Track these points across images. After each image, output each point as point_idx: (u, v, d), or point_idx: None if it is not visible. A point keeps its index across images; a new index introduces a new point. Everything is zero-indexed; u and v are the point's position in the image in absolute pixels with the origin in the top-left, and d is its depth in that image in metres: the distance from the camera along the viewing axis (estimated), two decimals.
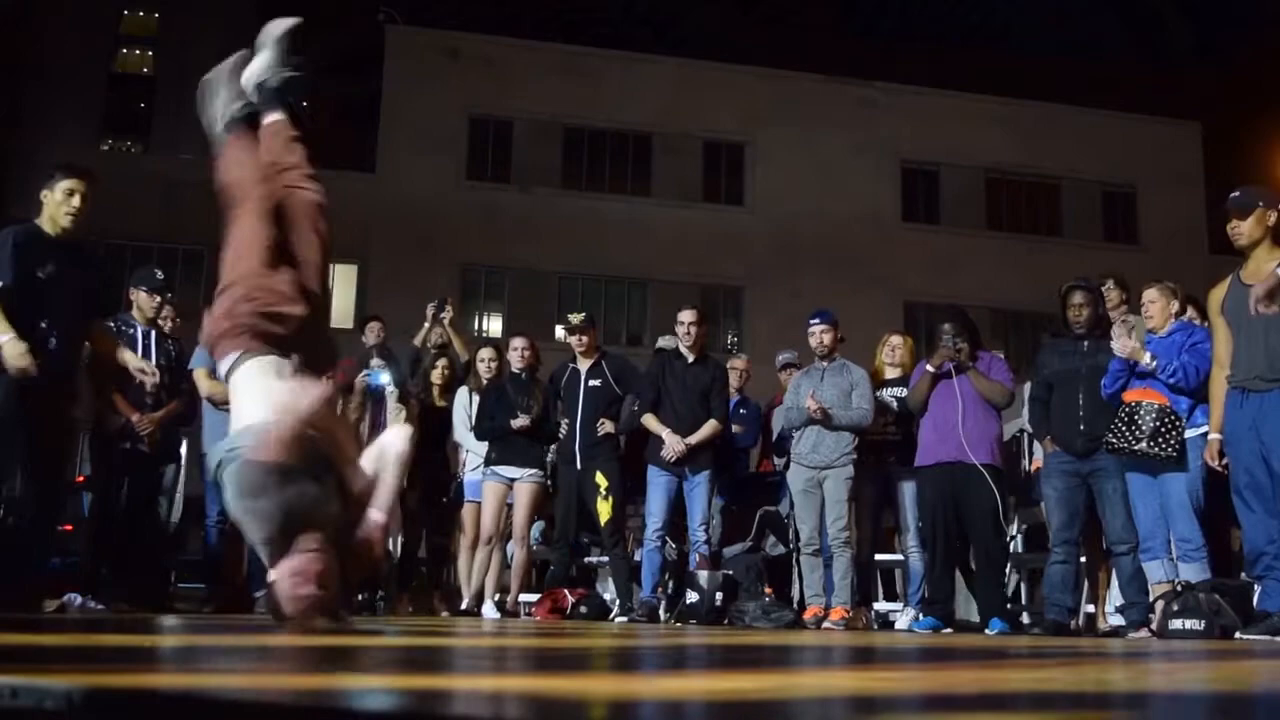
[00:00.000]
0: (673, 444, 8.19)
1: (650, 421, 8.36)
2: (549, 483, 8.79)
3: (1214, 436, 6.32)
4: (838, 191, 27.24)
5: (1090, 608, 8.13)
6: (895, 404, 8.16)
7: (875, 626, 8.29)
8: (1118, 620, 7.33)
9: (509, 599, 8.87)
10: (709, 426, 8.29)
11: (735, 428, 9.07)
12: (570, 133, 27.59)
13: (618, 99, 27.37)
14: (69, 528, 9.31)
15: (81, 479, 8.53)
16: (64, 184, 6.31)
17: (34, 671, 1.64)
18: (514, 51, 27.61)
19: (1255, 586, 6.15)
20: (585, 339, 8.73)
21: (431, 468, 8.85)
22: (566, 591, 8.65)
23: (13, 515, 6.02)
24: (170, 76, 55.07)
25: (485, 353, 9.17)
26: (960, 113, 28.66)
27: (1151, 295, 7.02)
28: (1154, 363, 6.70)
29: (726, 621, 7.92)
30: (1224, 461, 6.26)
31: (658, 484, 8.31)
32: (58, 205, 6.30)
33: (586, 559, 9.81)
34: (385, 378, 8.37)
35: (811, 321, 8.27)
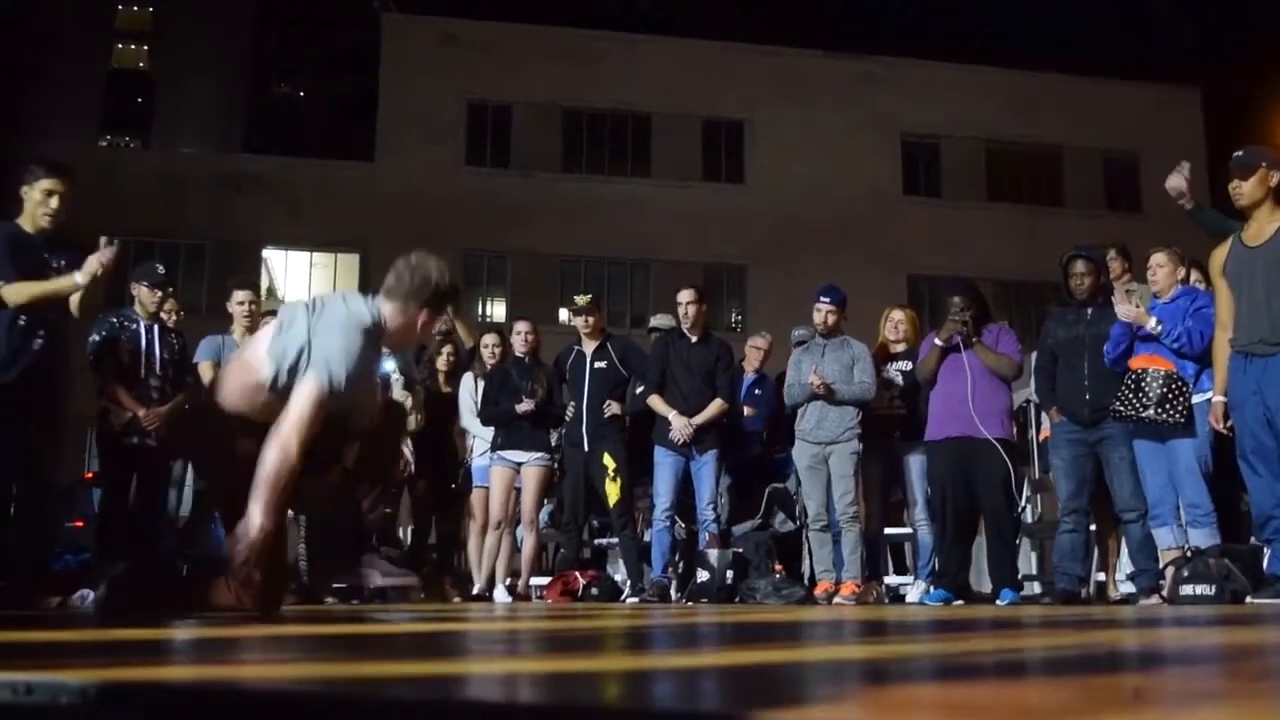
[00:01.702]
0: (679, 426, 8.18)
1: (656, 403, 8.36)
2: (556, 466, 8.80)
3: (1218, 399, 6.31)
4: (838, 167, 27.19)
5: (1101, 576, 8.14)
6: (900, 379, 8.16)
7: (886, 600, 8.30)
8: (1128, 588, 7.34)
9: (520, 583, 8.90)
10: (715, 405, 8.29)
11: (748, 410, 9.05)
12: (569, 115, 27.56)
13: (615, 80, 27.32)
14: (80, 524, 9.35)
15: (90, 475, 8.55)
16: (44, 184, 6.29)
17: (49, 667, 1.64)
18: (510, 36, 27.56)
19: (1265, 550, 6.15)
20: (591, 320, 8.73)
21: (438, 454, 8.86)
22: (577, 573, 8.68)
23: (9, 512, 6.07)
24: (168, 72, 55.05)
25: (489, 338, 9.16)
26: (959, 84, 28.58)
27: (1159, 259, 6.99)
28: (1159, 327, 6.68)
29: (738, 599, 7.94)
30: (1228, 424, 6.26)
31: (665, 464, 8.31)
32: (36, 205, 6.29)
33: (596, 541, 9.82)
34: (390, 365, 8.38)
35: (821, 299, 8.21)
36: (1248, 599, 5.96)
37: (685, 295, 8.51)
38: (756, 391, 9.25)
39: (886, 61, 28.72)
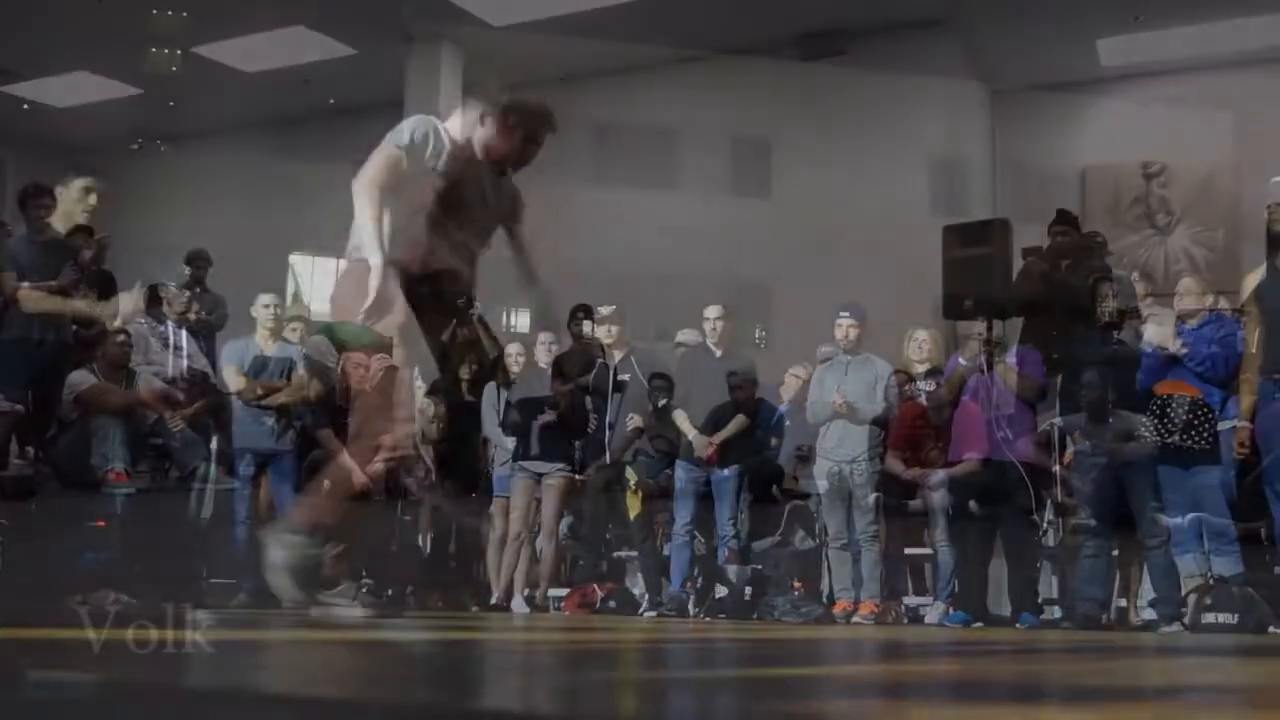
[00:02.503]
0: (700, 445, 8.16)
1: (681, 420, 8.34)
2: (577, 477, 8.78)
3: (1242, 425, 6.26)
4: (866, 186, 27.13)
5: (1122, 601, 8.07)
6: (924, 398, 8.11)
7: (905, 620, 8.26)
8: (1150, 614, 7.28)
9: (538, 593, 8.87)
10: (737, 422, 8.26)
11: (775, 441, 8.98)
12: (597, 129, 27.59)
13: (645, 94, 27.34)
14: (101, 523, 9.35)
15: (114, 475, 8.58)
16: (79, 182, 6.37)
17: (65, 665, 1.65)
18: (539, 49, 27.60)
19: None
20: (615, 329, 8.73)
21: (460, 463, 8.86)
22: (595, 586, 8.64)
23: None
24: (195, 75, 55.41)
25: (513, 348, 9.17)
26: (989, 104, 28.49)
27: (1187, 285, 6.96)
28: (1185, 350, 6.63)
29: (756, 616, 7.90)
30: (1245, 450, 6.21)
31: (686, 478, 8.29)
32: (74, 203, 6.36)
33: (615, 553, 9.79)
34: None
35: (841, 314, 8.20)
36: (1270, 628, 5.90)
37: (713, 311, 8.51)
38: (788, 423, 9.12)
39: (915, 80, 28.64)
